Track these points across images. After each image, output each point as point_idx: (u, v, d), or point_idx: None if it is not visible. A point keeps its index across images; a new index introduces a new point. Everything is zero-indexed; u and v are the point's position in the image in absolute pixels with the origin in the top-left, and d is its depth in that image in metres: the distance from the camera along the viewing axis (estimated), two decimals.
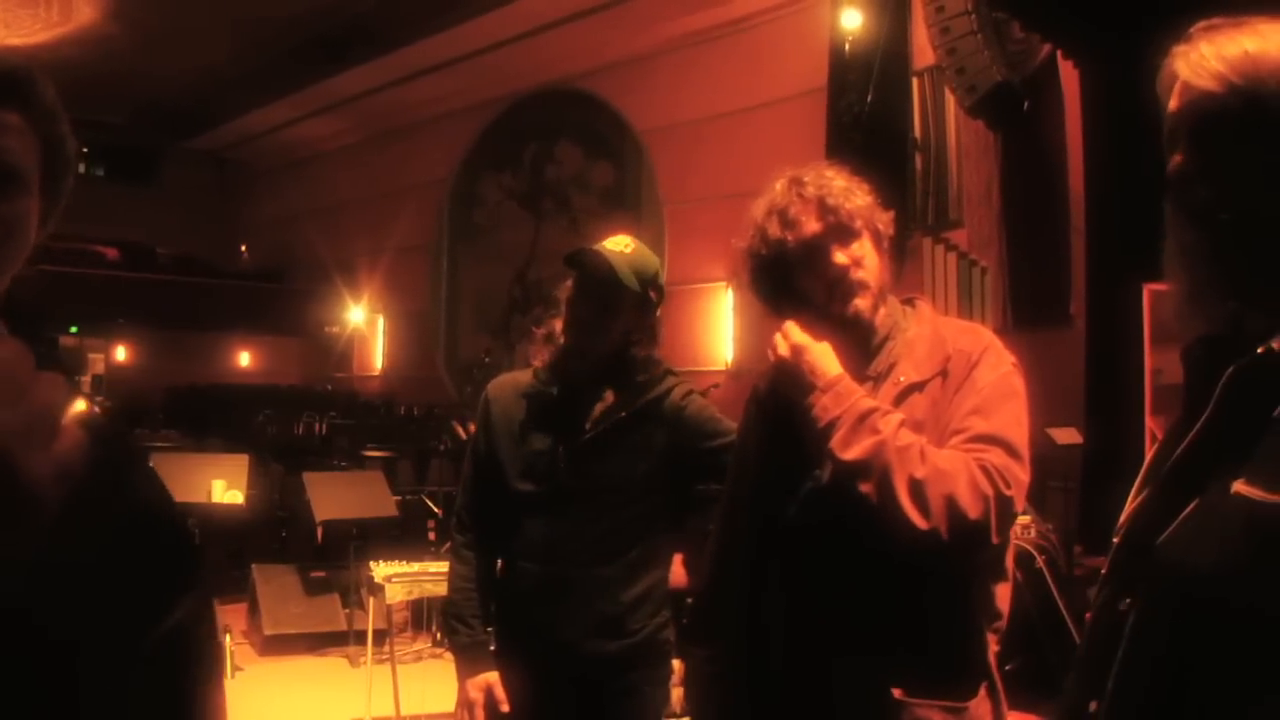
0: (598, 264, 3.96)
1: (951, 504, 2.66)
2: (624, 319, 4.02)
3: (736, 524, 3.24)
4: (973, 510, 2.66)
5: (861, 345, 3.04)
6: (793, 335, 2.97)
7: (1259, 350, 1.74)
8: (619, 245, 4.04)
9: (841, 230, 2.99)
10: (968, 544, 2.70)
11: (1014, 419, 2.87)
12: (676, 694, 3.87)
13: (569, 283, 4.08)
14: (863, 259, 3.00)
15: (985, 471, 2.71)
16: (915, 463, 2.70)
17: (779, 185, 3.06)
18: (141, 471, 1.45)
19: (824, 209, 2.98)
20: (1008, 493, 2.71)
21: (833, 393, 2.85)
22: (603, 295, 3.97)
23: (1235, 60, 1.80)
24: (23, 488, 0.83)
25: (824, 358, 2.92)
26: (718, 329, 18.08)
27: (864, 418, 2.79)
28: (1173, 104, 1.89)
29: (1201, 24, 1.90)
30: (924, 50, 11.75)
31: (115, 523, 1.23)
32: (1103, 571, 1.98)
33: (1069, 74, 10.90)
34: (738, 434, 3.46)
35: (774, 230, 3.03)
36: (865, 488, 2.72)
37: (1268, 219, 1.79)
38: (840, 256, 2.98)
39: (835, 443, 2.78)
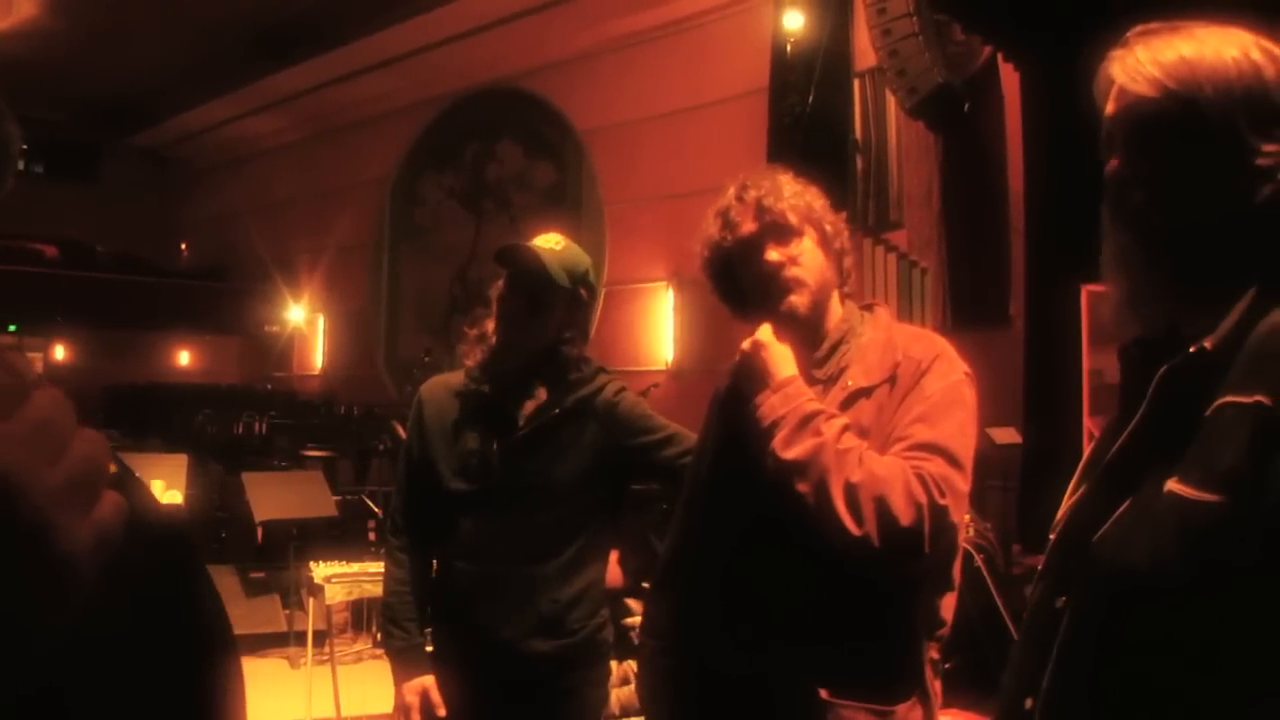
0: (528, 260, 3.97)
1: (884, 509, 2.66)
2: (555, 315, 4.02)
3: (691, 520, 3.26)
4: (905, 517, 2.67)
5: (814, 348, 3.06)
6: (760, 334, 2.99)
7: (1191, 350, 1.75)
8: (550, 243, 4.05)
9: (778, 229, 3.02)
10: (900, 551, 2.70)
11: (958, 429, 2.88)
12: (614, 695, 3.87)
13: (501, 281, 4.09)
14: (799, 257, 3.02)
15: (921, 479, 2.72)
16: (852, 467, 2.71)
17: (729, 189, 3.10)
18: (179, 539, 1.42)
19: (761, 209, 3.03)
20: (942, 502, 2.72)
21: (782, 393, 2.87)
22: (533, 291, 3.97)
23: (1171, 65, 1.82)
24: (60, 556, 0.78)
25: (781, 359, 2.94)
26: (658, 329, 18.07)
27: (807, 420, 2.80)
28: (1109, 108, 1.91)
29: (1138, 28, 1.92)
30: (865, 52, 11.78)
31: (152, 594, 1.20)
32: (1039, 570, 2.00)
33: (1009, 76, 10.93)
34: (700, 432, 3.45)
35: (715, 232, 3.09)
36: (803, 488, 2.73)
37: (1202, 223, 1.81)
38: (773, 254, 3.02)
39: (777, 442, 2.80)
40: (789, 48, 11.43)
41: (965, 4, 10.13)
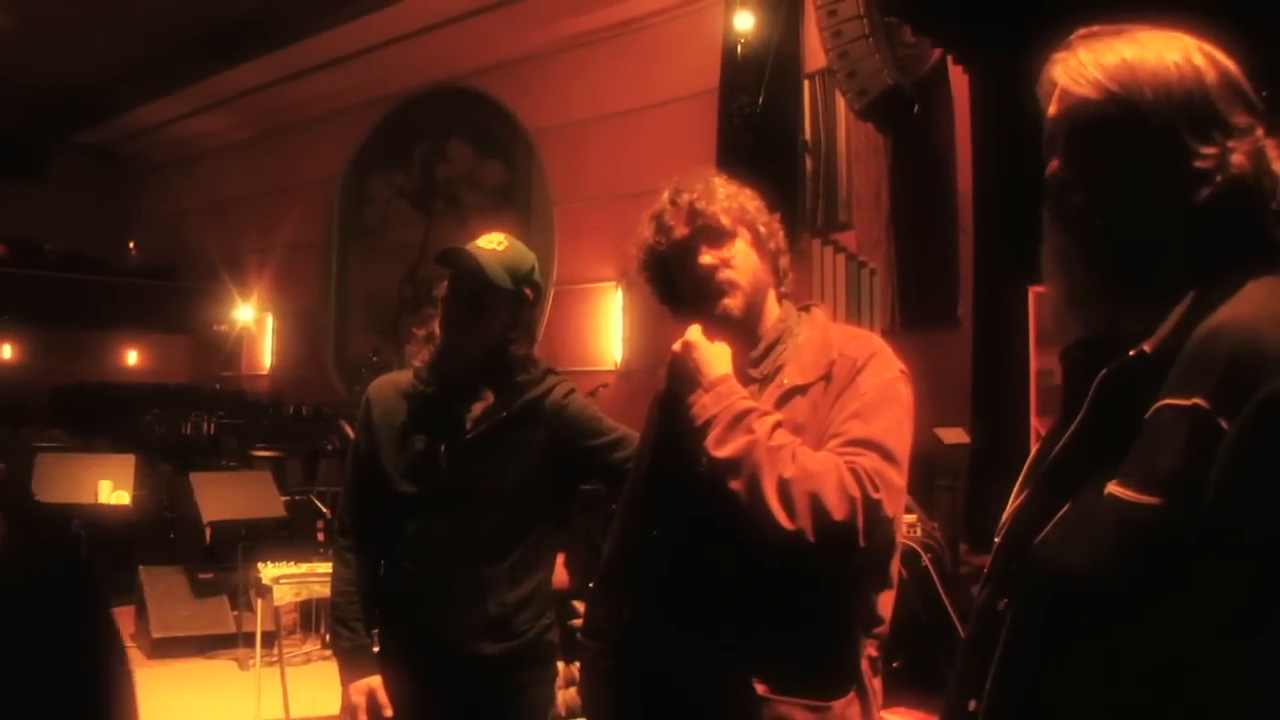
0: (466, 262, 3.94)
1: (817, 504, 2.67)
2: (497, 317, 4.00)
3: (630, 519, 3.26)
4: (838, 511, 2.67)
5: (751, 347, 3.07)
6: (689, 335, 2.99)
7: (1130, 353, 1.77)
8: (491, 243, 4.02)
9: (710, 232, 3.04)
10: (834, 545, 2.70)
11: (893, 424, 2.89)
12: (561, 696, 3.87)
13: (445, 282, 4.08)
14: (732, 259, 3.04)
15: (855, 474, 2.73)
16: (785, 463, 2.72)
17: (664, 192, 3.12)
18: (65, 547, 1.40)
19: (693, 213, 3.05)
20: (876, 496, 2.72)
21: (714, 392, 2.87)
22: (473, 293, 3.95)
23: (1113, 68, 1.83)
24: None
25: (714, 358, 2.94)
26: (607, 329, 18.07)
27: (740, 417, 2.81)
28: (1051, 110, 1.92)
29: (1081, 31, 1.93)
30: (816, 53, 11.83)
31: (35, 602, 1.19)
32: (985, 572, 2.01)
33: (959, 79, 10.99)
34: (641, 433, 3.45)
35: (649, 235, 3.11)
36: (736, 486, 2.73)
37: (1140, 225, 1.82)
38: (707, 257, 3.04)
39: (710, 440, 2.81)
40: (739, 48, 11.49)
41: (916, 7, 10.17)
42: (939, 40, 10.79)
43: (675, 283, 3.13)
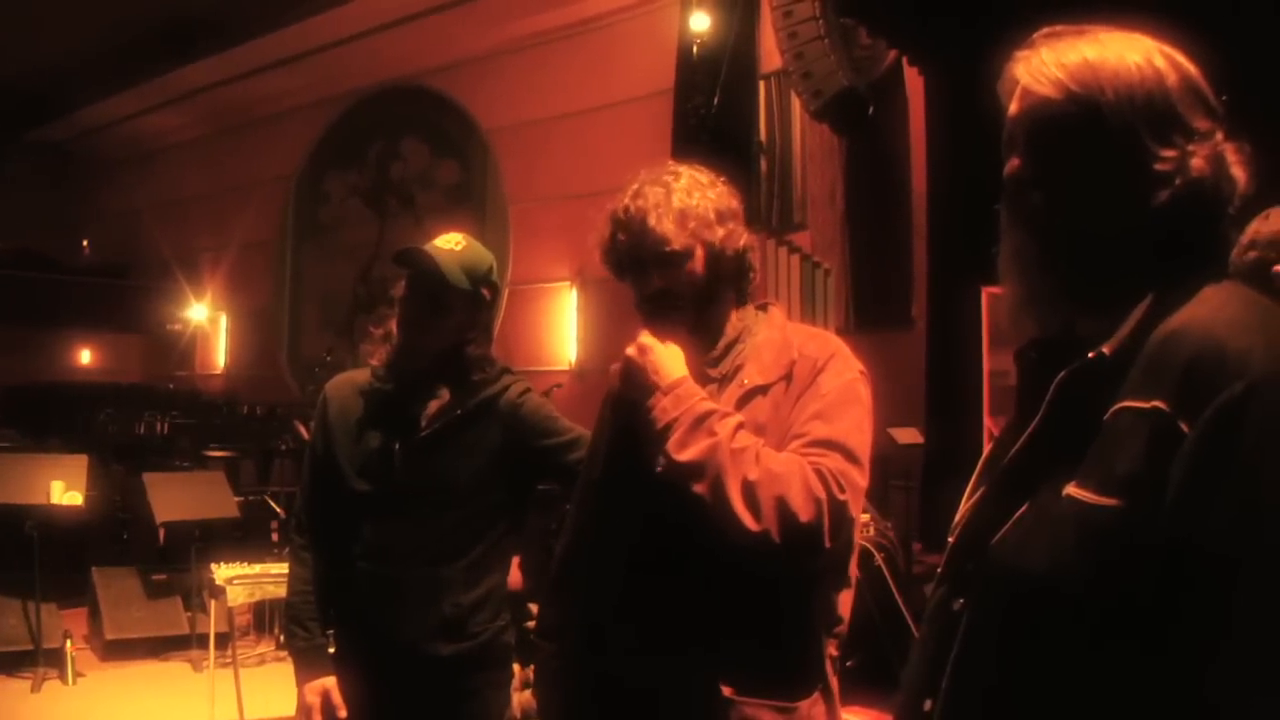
0: (425, 263, 3.93)
1: (783, 506, 2.66)
2: (454, 317, 3.98)
3: (583, 520, 3.25)
4: (804, 513, 2.67)
5: (708, 348, 3.05)
6: (642, 338, 2.97)
7: (1089, 355, 1.77)
8: (449, 244, 4.01)
9: (660, 256, 2.98)
10: (800, 547, 2.69)
11: (855, 425, 2.89)
12: (516, 699, 3.85)
13: (402, 281, 4.06)
14: (681, 277, 2.99)
15: (820, 475, 2.72)
16: (749, 465, 2.71)
17: (627, 189, 3.06)
18: None
19: (644, 231, 2.99)
20: (841, 497, 2.72)
21: (673, 395, 2.85)
22: (431, 293, 3.94)
23: (1075, 68, 1.83)
24: None
25: (669, 360, 2.92)
26: (562, 329, 18.06)
27: (701, 420, 2.79)
28: (1012, 109, 1.92)
29: (1044, 30, 1.93)
30: (771, 54, 11.86)
31: None
32: (939, 571, 2.01)
33: (914, 80, 11.01)
34: (592, 433, 3.43)
35: (607, 235, 3.07)
36: (699, 489, 2.72)
37: (1098, 226, 1.82)
38: (656, 280, 3.01)
39: (672, 444, 2.79)
40: (695, 49, 11.50)
41: (871, 8, 10.19)
42: (894, 42, 10.82)
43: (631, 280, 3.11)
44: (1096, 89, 1.81)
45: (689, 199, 3.00)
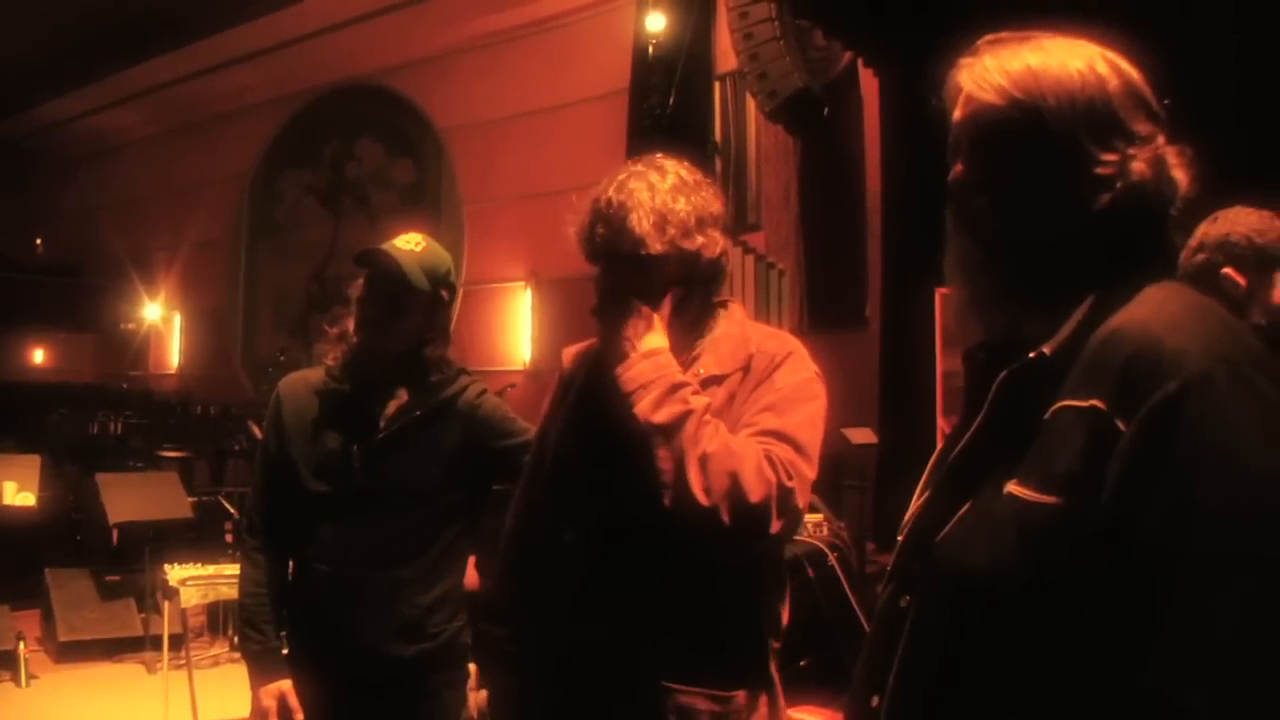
0: (386, 263, 3.93)
1: (734, 483, 2.69)
2: (414, 318, 3.99)
3: (533, 503, 3.27)
4: (754, 493, 2.69)
5: (673, 345, 3.07)
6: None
7: (1030, 355, 1.80)
8: (409, 244, 4.01)
9: (630, 261, 2.99)
10: (747, 527, 2.72)
11: (806, 420, 2.91)
12: (473, 698, 3.86)
13: (360, 281, 4.05)
14: (646, 285, 2.99)
15: (771, 461, 2.75)
16: (710, 439, 2.73)
17: (607, 189, 3.01)
18: None
19: (619, 238, 2.97)
20: (789, 484, 2.76)
21: (652, 360, 2.86)
22: (391, 294, 3.93)
23: (1017, 74, 1.86)
24: None
25: (650, 332, 2.93)
26: (516, 329, 18.02)
27: (677, 388, 2.81)
28: (956, 115, 1.95)
29: (988, 37, 1.96)
30: (726, 55, 11.87)
31: None
32: (888, 570, 2.04)
33: (869, 82, 11.03)
34: (542, 415, 3.43)
35: (585, 229, 3.05)
36: (663, 453, 2.73)
37: (1041, 229, 1.85)
38: (623, 288, 3.01)
39: (644, 405, 2.79)
40: (651, 49, 11.50)
41: (826, 10, 10.21)
42: (849, 43, 10.83)
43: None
44: (1039, 95, 1.84)
45: (673, 202, 2.98)
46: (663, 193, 2.99)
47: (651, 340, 2.92)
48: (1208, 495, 1.58)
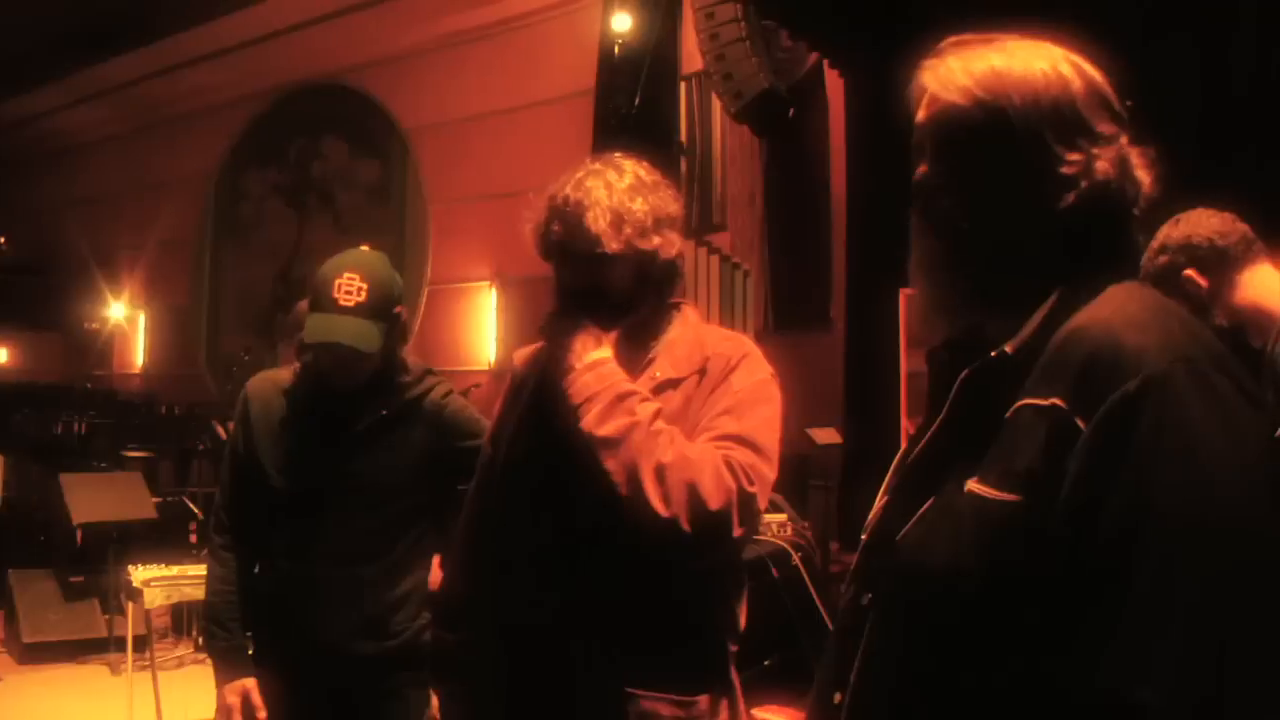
0: (340, 355, 3.88)
1: (693, 493, 2.69)
2: (371, 362, 3.95)
3: (485, 507, 3.27)
4: (714, 500, 2.70)
5: (626, 346, 3.07)
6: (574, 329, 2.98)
7: (992, 354, 1.81)
8: (352, 294, 3.84)
9: (584, 259, 2.97)
10: (708, 535, 2.72)
11: (765, 422, 2.92)
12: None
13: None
14: (603, 284, 3.00)
15: (730, 466, 2.75)
16: (664, 449, 2.73)
17: (565, 185, 3.01)
18: None
19: (573, 236, 2.97)
20: (750, 489, 2.76)
21: (596, 372, 2.86)
22: (345, 363, 3.91)
23: (981, 75, 1.87)
24: None
25: (593, 343, 2.93)
26: (481, 328, 17.96)
27: (622, 398, 2.81)
28: (920, 115, 1.96)
29: (952, 39, 1.97)
30: (692, 55, 11.88)
31: None
32: (851, 568, 2.04)
33: (835, 83, 11.04)
34: (493, 417, 3.41)
35: (541, 225, 3.04)
36: (612, 466, 2.73)
37: (1005, 229, 1.86)
38: (576, 285, 3.03)
39: (590, 418, 2.80)
40: (616, 49, 11.51)
41: (792, 10, 10.23)
42: (815, 44, 10.85)
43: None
44: (1003, 95, 1.85)
45: (630, 202, 2.98)
46: (620, 192, 2.99)
47: (596, 352, 2.92)
48: (1164, 494, 1.59)
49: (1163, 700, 1.54)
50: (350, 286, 3.87)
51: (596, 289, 3.00)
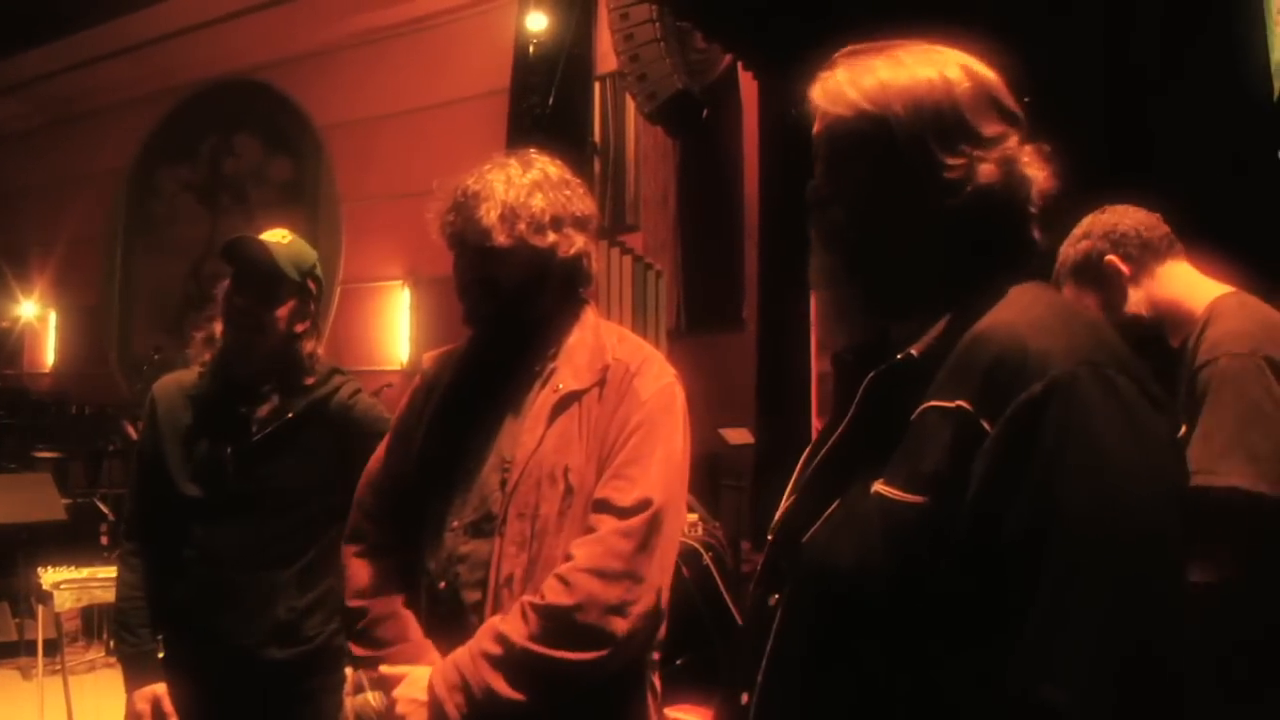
0: (255, 251, 3.92)
1: (582, 667, 2.76)
2: (285, 307, 3.98)
3: (380, 509, 3.30)
4: (618, 634, 2.77)
5: (526, 345, 3.08)
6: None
7: (898, 357, 1.83)
8: (276, 237, 4.02)
9: (479, 253, 2.99)
10: (622, 658, 2.81)
11: (666, 455, 2.92)
12: (349, 703, 3.85)
13: (227, 280, 4.04)
14: (498, 279, 3.00)
15: (592, 603, 2.77)
16: (537, 659, 2.75)
17: (467, 180, 3.02)
18: None
19: (468, 230, 2.98)
20: (622, 633, 2.79)
21: (418, 707, 2.85)
22: (261, 284, 3.93)
23: (868, 87, 1.90)
24: None
25: (415, 688, 2.89)
26: (394, 328, 17.87)
27: (471, 694, 2.78)
28: (815, 129, 1.98)
29: (846, 49, 1.99)
30: (607, 55, 11.87)
31: None
32: (758, 568, 2.06)
33: (749, 85, 11.08)
34: (397, 418, 3.40)
35: (442, 216, 3.04)
36: (529, 691, 2.76)
37: (896, 238, 1.89)
38: (469, 278, 3.05)
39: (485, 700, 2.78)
40: (531, 49, 11.50)
41: (706, 12, 10.25)
42: (729, 46, 10.88)
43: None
44: (886, 105, 1.88)
45: (527, 197, 2.98)
46: (519, 187, 2.99)
47: (419, 690, 2.86)
48: (1069, 495, 1.62)
49: (1074, 701, 1.56)
50: (277, 234, 4.05)
51: (489, 281, 3.00)
